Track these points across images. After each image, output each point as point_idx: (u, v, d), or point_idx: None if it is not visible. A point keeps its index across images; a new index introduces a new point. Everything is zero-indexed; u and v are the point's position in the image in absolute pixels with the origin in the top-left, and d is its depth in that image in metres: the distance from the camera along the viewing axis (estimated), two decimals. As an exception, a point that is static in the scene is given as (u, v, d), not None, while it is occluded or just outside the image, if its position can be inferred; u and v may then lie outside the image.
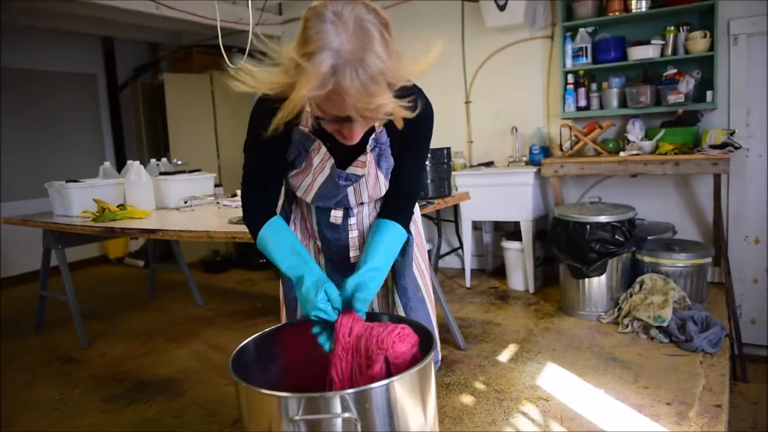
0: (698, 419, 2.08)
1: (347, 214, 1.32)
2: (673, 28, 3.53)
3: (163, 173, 3.75)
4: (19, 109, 5.30)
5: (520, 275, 3.97)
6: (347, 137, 1.05)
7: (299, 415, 0.85)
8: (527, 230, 3.81)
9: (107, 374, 2.95)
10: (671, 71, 3.53)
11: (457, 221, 4.46)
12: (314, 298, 1.07)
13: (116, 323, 3.86)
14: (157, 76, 6.11)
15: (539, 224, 4.01)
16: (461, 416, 2.23)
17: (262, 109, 1.12)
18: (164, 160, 4.20)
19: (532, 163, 4.05)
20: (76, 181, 3.42)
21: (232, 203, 3.20)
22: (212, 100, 5.63)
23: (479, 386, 2.49)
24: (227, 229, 2.28)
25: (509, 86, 4.36)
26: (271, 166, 1.23)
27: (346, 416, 0.85)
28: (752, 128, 3.55)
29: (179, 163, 5.25)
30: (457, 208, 4.31)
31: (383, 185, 1.28)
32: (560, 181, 3.91)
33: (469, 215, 4.11)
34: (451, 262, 4.79)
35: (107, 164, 3.78)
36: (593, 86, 3.84)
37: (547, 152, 4.09)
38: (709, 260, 3.22)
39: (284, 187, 1.37)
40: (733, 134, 3.36)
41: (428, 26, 4.56)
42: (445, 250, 4.66)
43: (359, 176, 1.21)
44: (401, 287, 1.37)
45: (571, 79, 3.86)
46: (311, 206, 1.35)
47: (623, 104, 3.73)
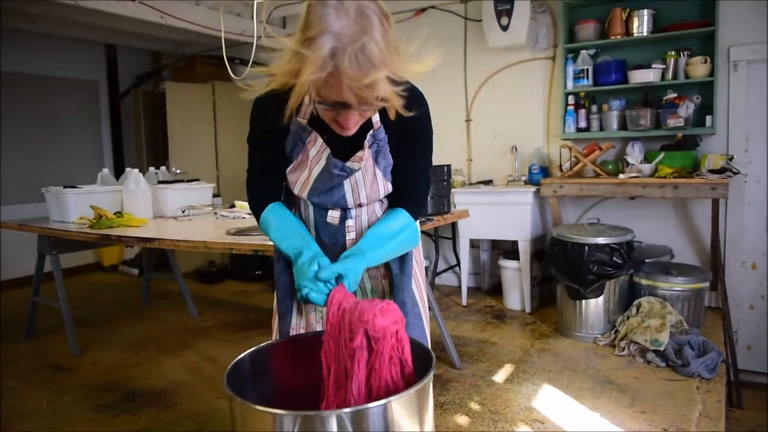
0: (695, 446, 2.06)
1: (345, 216, 1.31)
2: (673, 52, 3.56)
3: (161, 182, 3.75)
4: (20, 113, 5.30)
5: (516, 294, 3.95)
6: (344, 125, 1.06)
7: (294, 433, 0.83)
8: (525, 250, 3.81)
9: (98, 383, 2.91)
10: (671, 95, 3.56)
11: (454, 239, 4.45)
12: (308, 269, 1.09)
13: (109, 331, 3.82)
14: (158, 84, 6.12)
15: (537, 244, 4.01)
16: (455, 436, 2.20)
17: (263, 100, 1.16)
18: (163, 168, 4.19)
19: (531, 182, 4.05)
20: (73, 186, 3.41)
21: (230, 214, 3.18)
22: (213, 110, 5.64)
23: (474, 407, 2.47)
24: (224, 240, 2.27)
25: (510, 106, 4.38)
26: (273, 155, 1.26)
27: (342, 436, 0.83)
28: (751, 154, 3.57)
29: (178, 171, 5.24)
30: (455, 225, 4.31)
31: (381, 185, 1.27)
32: (559, 201, 3.92)
33: (467, 233, 4.10)
34: (447, 279, 4.77)
35: (106, 171, 3.77)
36: (594, 108, 3.86)
37: (546, 172, 4.10)
38: (706, 285, 3.21)
39: (284, 192, 1.37)
40: (731, 159, 3.37)
41: (430, 44, 4.54)
42: (442, 267, 4.64)
43: (355, 169, 1.21)
44: (399, 301, 1.35)
45: (571, 100, 3.88)
46: (309, 210, 1.34)
47: (623, 127, 3.75)
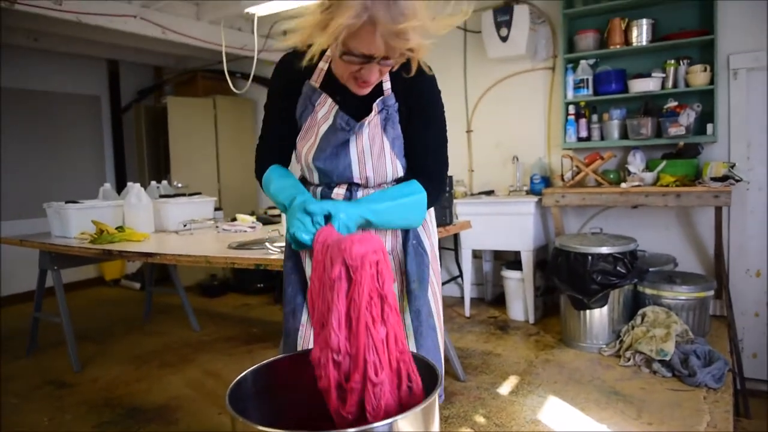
0: (704, 458, 2.03)
1: (350, 195, 1.31)
2: (673, 61, 3.57)
3: (163, 196, 3.74)
4: (22, 128, 5.32)
5: (520, 305, 3.93)
6: (366, 79, 1.12)
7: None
8: (528, 260, 3.79)
9: (99, 399, 2.89)
10: (672, 104, 3.56)
11: (456, 249, 4.43)
12: (297, 210, 1.12)
13: (110, 346, 3.80)
14: (160, 98, 6.15)
15: (540, 254, 3.99)
16: (461, 451, 2.18)
17: (286, 59, 1.30)
18: (164, 182, 4.20)
19: (532, 192, 4.04)
20: (75, 201, 3.40)
21: (231, 228, 3.18)
22: (215, 124, 5.65)
23: (479, 419, 2.44)
24: (226, 254, 2.26)
25: (511, 116, 4.38)
26: (284, 120, 1.33)
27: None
28: (752, 161, 3.57)
29: (179, 185, 5.25)
30: (457, 236, 4.30)
31: (389, 160, 1.28)
32: (561, 210, 3.91)
33: (469, 243, 4.08)
34: (450, 290, 4.75)
35: (107, 186, 3.77)
36: (594, 117, 3.86)
37: (547, 182, 4.09)
38: (711, 293, 3.19)
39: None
40: (733, 167, 3.36)
41: (430, 55, 4.56)
42: (444, 278, 4.62)
43: (360, 124, 1.24)
44: (414, 309, 1.35)
45: (572, 110, 3.88)
46: (316, 191, 1.36)
47: (624, 136, 3.75)
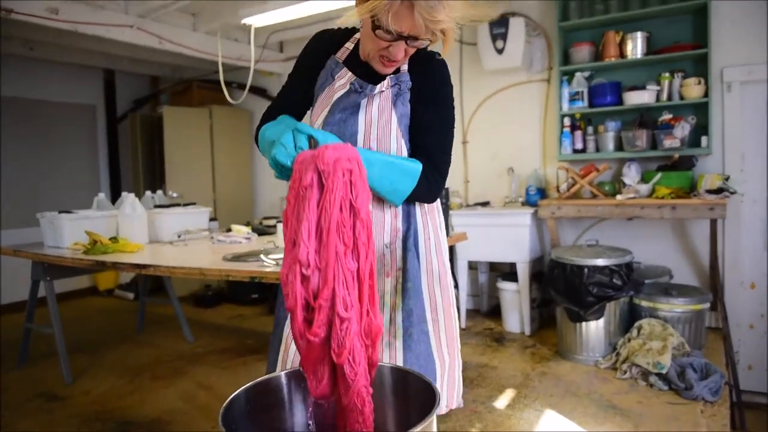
0: (701, 474, 2.02)
1: None
2: (667, 74, 3.59)
3: (158, 206, 3.72)
4: (17, 137, 5.29)
5: (515, 317, 3.92)
6: (393, 58, 1.21)
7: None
8: (524, 271, 3.78)
9: (91, 413, 2.85)
10: (667, 116, 3.58)
11: (452, 260, 4.42)
12: (283, 133, 1.13)
13: (103, 358, 3.76)
14: (156, 108, 6.14)
15: (535, 265, 3.98)
16: (457, 466, 2.15)
17: (322, 32, 1.42)
18: (159, 192, 4.17)
19: (528, 204, 4.04)
20: (68, 211, 3.38)
21: (226, 239, 3.16)
22: (210, 133, 5.64)
23: (475, 433, 2.42)
24: (221, 266, 2.24)
25: (506, 127, 4.40)
26: (302, 85, 1.41)
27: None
28: (747, 173, 3.58)
29: (174, 195, 5.23)
30: (453, 247, 4.28)
31: (394, 134, 1.30)
32: (556, 222, 3.91)
33: (465, 255, 4.08)
34: (446, 301, 4.72)
35: (102, 195, 3.75)
36: (589, 129, 3.88)
37: (543, 194, 4.10)
38: (707, 306, 3.19)
39: None
40: (728, 179, 3.38)
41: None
42: (440, 289, 4.60)
43: (373, 88, 1.30)
44: (407, 308, 1.33)
45: (567, 122, 3.89)
46: None
47: (619, 147, 3.76)
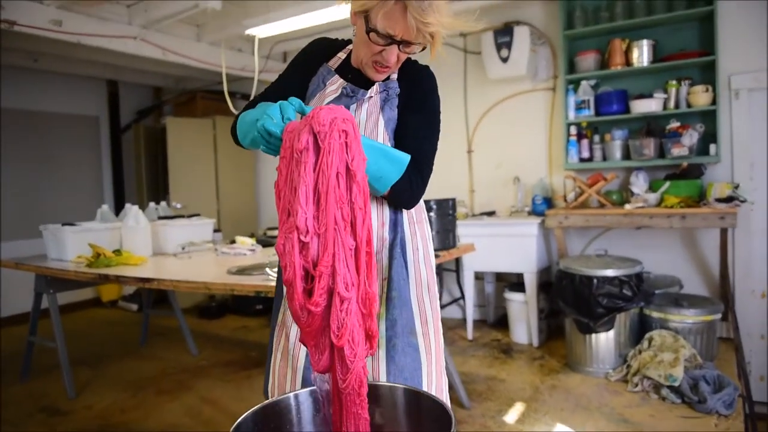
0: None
1: None
2: (674, 82, 3.56)
3: (162, 217, 3.70)
4: (21, 148, 5.28)
5: (523, 328, 3.87)
6: (385, 63, 1.24)
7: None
8: (531, 282, 3.74)
9: (94, 428, 2.81)
10: (674, 124, 3.54)
11: (458, 271, 4.38)
12: (269, 107, 1.09)
13: (106, 371, 3.72)
14: (159, 119, 6.14)
15: (543, 275, 3.94)
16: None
17: (317, 40, 1.44)
18: (163, 203, 4.15)
19: (534, 213, 4.01)
20: (71, 224, 3.36)
21: (230, 250, 3.13)
22: (214, 144, 5.63)
23: (485, 449, 2.37)
24: (225, 280, 2.21)
25: (511, 136, 4.37)
26: (291, 86, 1.40)
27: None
28: (756, 181, 3.54)
29: (178, 206, 5.20)
30: (459, 257, 4.25)
31: (381, 137, 1.30)
32: (563, 231, 3.86)
33: (471, 265, 4.03)
34: (451, 312, 4.68)
35: (105, 207, 3.73)
36: (596, 138, 3.84)
37: (549, 203, 4.06)
38: (718, 317, 3.13)
39: None
40: (737, 188, 3.34)
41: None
42: (446, 300, 4.57)
43: (364, 93, 1.32)
44: (390, 318, 1.27)
45: (573, 130, 3.86)
46: None
47: (626, 156, 3.72)
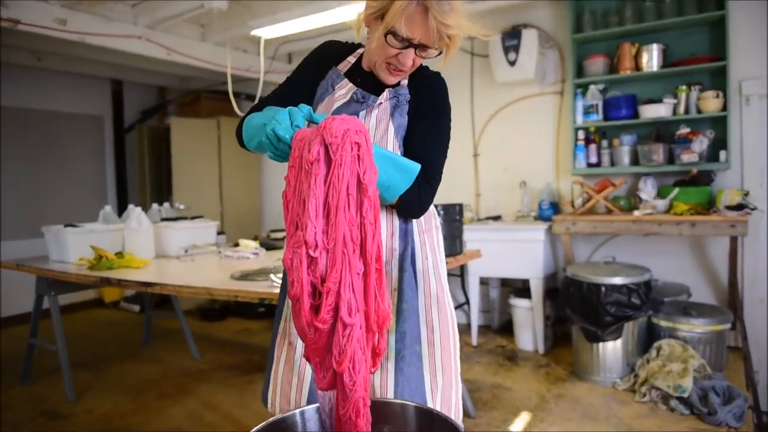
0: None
1: None
2: (685, 87, 3.51)
3: (165, 219, 3.67)
4: (24, 148, 5.26)
5: (529, 334, 3.82)
6: (401, 66, 1.23)
7: None
8: (537, 288, 3.69)
9: (93, 433, 2.78)
10: (684, 130, 3.50)
11: (463, 276, 4.33)
12: (278, 112, 1.08)
13: (107, 374, 3.69)
14: (163, 119, 6.11)
15: (549, 282, 3.89)
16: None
17: (329, 43, 1.43)
18: (166, 205, 4.12)
19: (541, 218, 3.96)
20: (73, 225, 3.32)
21: (234, 254, 3.09)
22: (218, 145, 5.60)
23: (491, 460, 2.33)
24: (229, 286, 2.17)
25: (518, 140, 4.32)
26: (300, 89, 1.38)
27: None
28: (767, 189, 3.48)
29: (182, 207, 5.16)
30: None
31: (391, 143, 1.29)
32: (570, 237, 3.82)
33: (476, 270, 3.99)
34: (455, 317, 4.62)
35: (108, 208, 3.70)
36: (604, 143, 3.80)
37: (556, 208, 4.01)
38: (728, 326, 3.08)
39: None
40: (747, 195, 3.29)
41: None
42: (450, 304, 4.51)
43: (374, 99, 1.30)
44: (400, 330, 1.30)
45: (581, 135, 3.82)
46: None
47: (635, 162, 3.68)
